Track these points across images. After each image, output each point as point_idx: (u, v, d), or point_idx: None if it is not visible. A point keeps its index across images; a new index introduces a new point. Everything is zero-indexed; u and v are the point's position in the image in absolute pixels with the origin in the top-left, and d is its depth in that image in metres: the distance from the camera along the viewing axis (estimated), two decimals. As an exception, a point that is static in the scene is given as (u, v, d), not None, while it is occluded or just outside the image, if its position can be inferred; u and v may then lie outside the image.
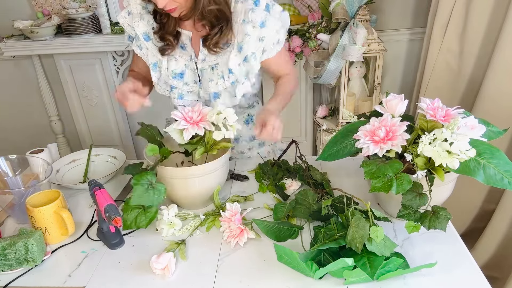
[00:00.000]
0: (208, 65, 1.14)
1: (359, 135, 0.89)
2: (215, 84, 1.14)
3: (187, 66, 1.15)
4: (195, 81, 1.17)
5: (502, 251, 1.75)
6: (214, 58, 1.13)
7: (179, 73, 1.16)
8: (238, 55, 1.09)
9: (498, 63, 1.62)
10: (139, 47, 1.16)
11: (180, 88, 1.18)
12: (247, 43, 1.07)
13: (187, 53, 1.15)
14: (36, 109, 2.62)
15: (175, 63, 1.15)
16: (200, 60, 1.14)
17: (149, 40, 1.14)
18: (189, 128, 0.97)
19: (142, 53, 1.17)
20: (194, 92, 1.19)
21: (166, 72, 1.16)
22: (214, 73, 1.14)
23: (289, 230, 0.92)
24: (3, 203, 1.05)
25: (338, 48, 1.87)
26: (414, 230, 0.84)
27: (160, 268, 0.84)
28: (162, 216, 0.97)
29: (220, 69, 1.13)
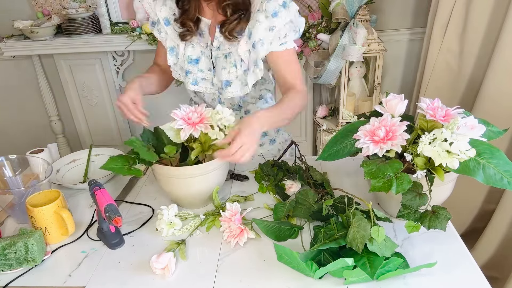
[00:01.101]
0: (222, 53, 1.17)
1: (359, 135, 0.89)
2: (227, 72, 1.16)
3: (203, 53, 1.19)
4: (210, 68, 1.20)
5: (502, 251, 1.75)
6: (228, 47, 1.15)
7: (195, 59, 1.19)
8: (248, 41, 1.12)
9: (498, 63, 1.62)
10: (159, 31, 1.21)
11: (195, 74, 1.21)
12: (256, 29, 1.08)
13: (204, 40, 1.18)
14: (36, 109, 2.62)
15: (192, 49, 1.19)
16: (215, 47, 1.17)
17: (169, 25, 1.19)
18: (185, 129, 0.97)
19: (161, 37, 1.22)
20: (208, 80, 1.22)
21: (183, 57, 1.20)
22: (227, 61, 1.16)
23: (289, 230, 0.92)
24: (3, 203, 1.05)
25: (338, 48, 1.87)
26: (414, 230, 0.84)
27: (160, 268, 0.84)
28: (162, 216, 0.97)
29: (233, 57, 1.15)
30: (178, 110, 1.00)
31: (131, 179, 1.22)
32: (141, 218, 1.05)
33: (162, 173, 0.99)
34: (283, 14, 1.08)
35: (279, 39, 1.11)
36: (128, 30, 2.19)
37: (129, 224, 1.03)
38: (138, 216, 1.06)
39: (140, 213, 1.07)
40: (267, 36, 1.09)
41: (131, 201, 1.13)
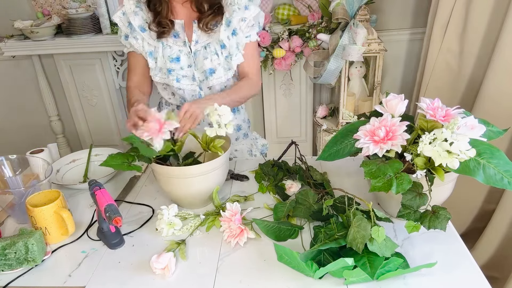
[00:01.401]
0: (201, 45, 1.25)
1: (359, 135, 0.89)
2: (210, 61, 1.25)
3: (181, 52, 1.25)
4: (189, 65, 1.26)
5: (502, 251, 1.75)
6: (205, 39, 1.25)
7: (175, 58, 1.25)
8: (227, 29, 1.22)
9: (498, 63, 1.62)
10: (135, 38, 1.25)
11: (177, 71, 1.26)
12: (234, 18, 1.21)
13: (180, 40, 1.25)
14: (36, 109, 2.62)
15: (170, 50, 1.25)
16: (194, 42, 1.25)
17: (144, 31, 1.24)
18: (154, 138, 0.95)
19: (138, 44, 1.26)
20: (188, 76, 1.27)
21: (163, 58, 1.26)
22: (207, 51, 1.25)
23: (289, 230, 0.92)
24: (3, 203, 1.05)
25: (338, 48, 1.87)
26: (414, 230, 0.84)
27: (160, 268, 0.84)
28: (162, 216, 0.97)
29: (213, 46, 1.25)
30: (138, 131, 0.97)
31: (131, 179, 1.23)
32: (141, 218, 1.05)
33: (162, 173, 0.99)
34: (252, 8, 1.24)
35: (248, 31, 1.25)
36: (128, 30, 2.19)
37: (129, 224, 1.03)
38: (138, 216, 1.06)
39: (140, 213, 1.07)
40: (241, 26, 1.23)
41: (131, 201, 1.13)
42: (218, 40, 1.24)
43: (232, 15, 1.21)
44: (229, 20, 1.22)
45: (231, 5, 1.22)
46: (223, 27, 1.22)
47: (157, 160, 1.00)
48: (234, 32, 1.23)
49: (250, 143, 1.51)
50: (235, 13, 1.21)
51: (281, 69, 2.19)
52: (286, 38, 2.12)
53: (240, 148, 1.46)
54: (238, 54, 1.26)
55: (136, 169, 0.97)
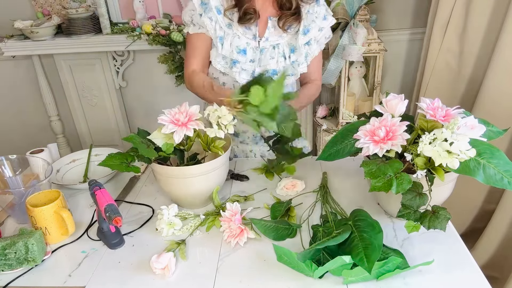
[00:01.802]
0: (270, 44, 1.24)
1: (359, 135, 0.89)
2: (276, 62, 1.24)
3: (248, 45, 1.23)
4: (252, 60, 1.24)
5: (502, 251, 1.75)
6: (276, 39, 1.24)
7: (243, 49, 1.23)
8: (303, 37, 1.23)
9: (498, 63, 1.62)
10: (210, 19, 1.21)
11: (242, 64, 1.24)
12: (312, 28, 1.23)
13: (251, 32, 1.23)
14: (36, 109, 2.62)
15: (238, 40, 1.23)
16: (264, 39, 1.23)
17: (220, 13, 1.22)
18: (178, 131, 0.96)
19: (211, 25, 1.22)
20: (248, 71, 1.26)
21: (230, 47, 1.23)
22: (275, 52, 1.24)
23: (287, 229, 0.92)
24: (3, 203, 1.05)
25: (338, 48, 1.87)
26: (414, 229, 0.84)
27: (160, 268, 0.84)
28: (162, 216, 0.97)
29: (282, 48, 1.25)
30: (163, 115, 0.97)
31: (131, 179, 1.22)
32: (141, 218, 1.05)
33: (162, 173, 0.99)
34: (329, 18, 1.26)
35: (324, 39, 1.27)
36: (128, 30, 2.19)
37: (129, 224, 1.03)
38: (138, 216, 1.06)
39: (140, 213, 1.07)
40: (317, 36, 1.25)
41: (131, 201, 1.13)
42: (289, 43, 1.24)
43: (311, 24, 1.22)
44: (308, 29, 1.22)
45: (309, 13, 1.22)
46: (301, 34, 1.22)
47: (157, 160, 1.00)
48: (308, 42, 1.25)
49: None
50: (313, 23, 1.22)
51: (281, 69, 2.19)
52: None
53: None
54: (304, 64, 1.27)
55: (134, 170, 0.96)
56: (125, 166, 0.96)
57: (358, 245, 0.80)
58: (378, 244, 0.78)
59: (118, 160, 0.96)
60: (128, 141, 0.97)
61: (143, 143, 0.97)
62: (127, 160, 0.97)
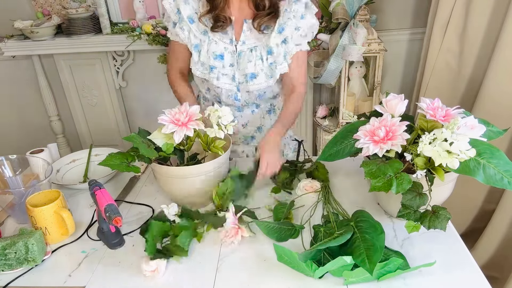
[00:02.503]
0: (247, 47, 1.22)
1: (359, 135, 0.89)
2: (253, 65, 1.21)
3: (226, 49, 1.22)
4: (231, 64, 1.23)
5: (502, 251, 1.75)
6: (253, 41, 1.21)
7: (219, 55, 1.22)
8: (277, 36, 1.18)
9: (498, 63, 1.62)
10: (182, 29, 1.22)
11: (219, 69, 1.23)
12: (288, 26, 1.17)
13: (227, 36, 1.22)
14: (36, 109, 2.62)
15: (216, 45, 1.21)
16: (241, 42, 1.21)
17: (192, 22, 1.21)
18: (178, 131, 0.96)
19: (185, 35, 1.22)
20: (228, 75, 1.25)
21: (206, 54, 1.22)
22: (252, 55, 1.21)
23: (289, 230, 0.92)
24: (3, 203, 1.05)
25: (338, 48, 1.87)
26: (414, 230, 0.84)
27: (150, 270, 0.85)
28: (162, 216, 0.97)
29: (259, 51, 1.21)
30: (164, 115, 0.98)
31: (131, 179, 1.22)
32: (141, 218, 1.05)
33: (162, 173, 0.99)
34: (308, 17, 1.19)
35: (298, 41, 1.21)
36: (128, 30, 2.19)
37: (129, 224, 1.03)
38: (138, 216, 1.06)
39: (140, 213, 1.07)
40: (294, 35, 1.19)
41: (131, 201, 1.13)
42: (266, 45, 1.20)
43: (286, 22, 1.17)
44: (282, 28, 1.18)
45: (287, 11, 1.18)
46: (275, 33, 1.18)
47: (157, 160, 1.00)
48: (284, 41, 1.20)
49: (283, 143, 1.44)
50: (289, 21, 1.17)
51: (281, 69, 2.18)
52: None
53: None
54: (283, 63, 1.22)
55: (134, 170, 0.96)
56: (125, 166, 0.96)
57: (360, 246, 0.80)
58: (380, 245, 0.79)
59: (118, 160, 0.96)
60: (129, 140, 0.97)
61: (143, 143, 0.97)
62: (127, 160, 0.97)
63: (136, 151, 0.98)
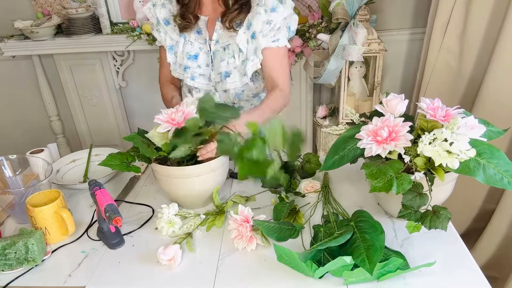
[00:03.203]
0: (221, 46, 1.22)
1: (361, 135, 0.89)
2: (226, 64, 1.21)
3: (201, 49, 1.23)
4: (208, 64, 1.24)
5: (502, 251, 1.75)
6: (226, 39, 1.21)
7: (193, 55, 1.23)
8: (246, 32, 1.17)
9: (498, 63, 1.62)
10: (158, 31, 1.26)
11: (193, 69, 1.24)
12: (256, 20, 1.14)
13: (202, 37, 1.23)
14: (36, 109, 2.62)
15: (190, 46, 1.23)
16: (214, 41, 1.22)
17: (168, 24, 1.24)
18: (172, 130, 0.95)
19: (161, 37, 1.26)
20: (205, 76, 1.25)
21: (181, 54, 1.24)
22: (225, 53, 1.21)
23: (289, 230, 0.92)
24: (3, 203, 1.05)
25: (338, 48, 1.87)
26: (415, 230, 0.84)
27: (167, 259, 0.86)
28: (163, 214, 0.97)
29: (232, 48, 1.21)
30: (161, 115, 0.98)
31: (131, 179, 1.22)
32: (141, 218, 1.05)
33: (162, 173, 0.99)
34: (280, 10, 1.14)
35: (274, 35, 1.17)
36: (128, 30, 2.19)
37: (129, 224, 1.03)
38: (138, 216, 1.06)
39: (140, 213, 1.07)
40: (265, 29, 1.14)
41: (131, 201, 1.13)
42: (237, 42, 1.18)
43: (254, 17, 1.14)
44: (250, 22, 1.15)
45: (258, 5, 1.15)
46: (243, 29, 1.16)
47: (157, 160, 1.00)
48: (253, 36, 1.16)
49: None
50: (258, 16, 1.13)
51: (281, 69, 2.18)
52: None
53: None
54: (255, 60, 1.18)
55: (135, 170, 0.96)
56: (125, 166, 0.96)
57: (360, 246, 0.80)
58: (380, 245, 0.79)
59: (118, 160, 0.96)
60: (129, 140, 0.97)
61: (144, 143, 0.97)
62: (128, 160, 0.97)
63: (136, 151, 0.98)
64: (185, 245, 0.92)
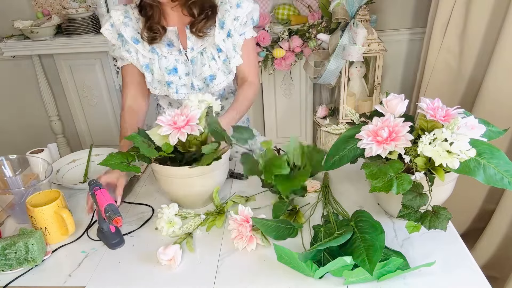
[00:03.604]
0: (197, 52, 1.20)
1: (361, 135, 0.89)
2: (208, 67, 1.20)
3: (177, 61, 1.21)
4: (187, 73, 1.22)
5: (502, 251, 1.75)
6: (201, 44, 1.20)
7: (173, 68, 1.20)
8: (221, 31, 1.17)
9: (498, 63, 1.62)
10: (128, 52, 1.20)
11: (176, 83, 1.22)
12: (227, 18, 1.15)
13: (175, 48, 1.20)
14: (36, 109, 2.62)
15: (166, 60, 1.20)
16: (189, 49, 1.20)
17: (138, 43, 1.19)
18: (172, 134, 0.95)
19: (132, 57, 1.20)
20: (187, 85, 1.23)
21: (159, 71, 1.20)
22: (204, 57, 1.20)
23: (288, 229, 0.92)
24: (3, 203, 1.05)
25: (338, 48, 1.87)
26: (415, 230, 0.84)
27: (167, 259, 0.85)
28: (163, 214, 0.97)
29: (209, 51, 1.19)
30: (163, 116, 0.97)
31: (131, 179, 1.22)
32: (141, 218, 1.05)
33: (162, 173, 0.99)
34: (244, 4, 1.16)
35: (241, 29, 1.18)
36: (128, 30, 2.19)
37: (129, 224, 1.03)
38: (138, 216, 1.06)
39: (140, 213, 1.07)
40: (234, 26, 1.17)
41: (131, 201, 1.13)
42: (214, 44, 1.18)
43: (224, 15, 1.15)
44: (223, 22, 1.16)
45: (222, 3, 1.16)
46: (217, 29, 1.16)
47: (157, 160, 1.00)
48: (229, 34, 1.17)
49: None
50: (227, 13, 1.15)
51: (281, 69, 2.19)
52: (286, 38, 2.12)
53: (239, 149, 1.42)
54: (236, 56, 1.20)
55: (134, 170, 0.96)
56: (125, 166, 0.95)
57: (360, 246, 0.80)
58: (380, 245, 0.78)
59: (118, 160, 0.96)
60: (130, 140, 0.96)
61: (144, 143, 0.97)
62: (127, 160, 0.97)
63: (136, 150, 0.98)
64: (185, 245, 0.92)
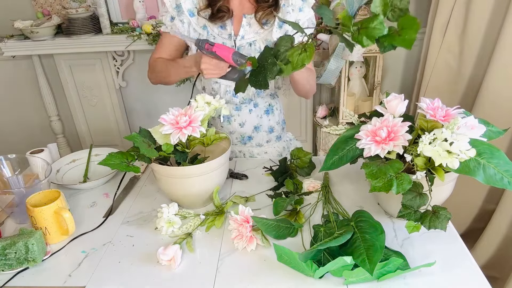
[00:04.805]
0: (246, 42, 1.23)
1: (360, 135, 0.89)
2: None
3: (225, 44, 1.21)
4: None
5: (502, 251, 1.75)
6: (252, 36, 1.23)
7: None
8: (278, 30, 1.20)
9: (498, 63, 1.63)
10: (182, 22, 1.24)
11: None
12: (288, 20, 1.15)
13: (226, 32, 1.23)
14: (36, 109, 2.62)
15: (214, 40, 1.22)
16: (240, 37, 1.22)
17: (193, 16, 1.23)
18: (174, 134, 0.95)
19: (184, 28, 1.24)
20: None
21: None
22: (252, 49, 1.23)
23: (288, 228, 0.92)
24: (3, 203, 1.05)
25: (338, 48, 1.87)
26: (415, 230, 0.84)
27: (167, 259, 0.86)
28: (162, 214, 0.97)
29: (258, 45, 1.23)
30: (166, 115, 0.97)
31: (131, 179, 1.22)
32: (141, 218, 1.05)
33: (162, 173, 0.99)
34: (306, 10, 1.21)
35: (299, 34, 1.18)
36: (128, 30, 2.19)
37: (129, 224, 1.03)
38: (138, 216, 1.06)
39: (140, 213, 1.07)
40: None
41: (131, 201, 1.13)
42: (265, 39, 1.21)
43: (285, 16, 1.19)
44: (282, 22, 1.18)
45: (285, 6, 1.19)
46: (275, 27, 1.19)
47: (157, 160, 1.00)
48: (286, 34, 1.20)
49: (283, 146, 1.45)
50: (288, 15, 1.18)
51: (281, 69, 2.18)
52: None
53: (270, 151, 1.42)
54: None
55: (134, 170, 0.96)
56: (125, 165, 0.95)
57: (360, 246, 0.80)
58: (380, 245, 0.79)
59: (118, 160, 0.96)
60: (130, 139, 0.96)
61: (144, 142, 0.97)
62: (127, 159, 0.97)
63: (136, 150, 0.98)
64: (185, 245, 0.92)
